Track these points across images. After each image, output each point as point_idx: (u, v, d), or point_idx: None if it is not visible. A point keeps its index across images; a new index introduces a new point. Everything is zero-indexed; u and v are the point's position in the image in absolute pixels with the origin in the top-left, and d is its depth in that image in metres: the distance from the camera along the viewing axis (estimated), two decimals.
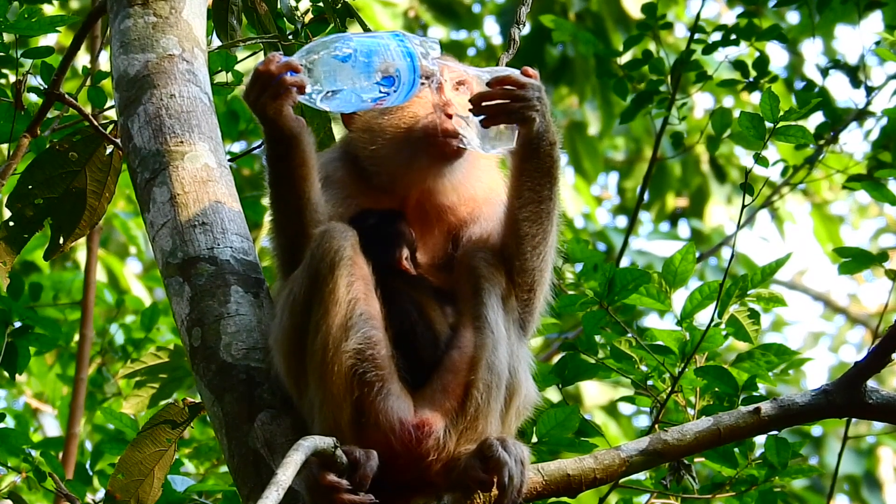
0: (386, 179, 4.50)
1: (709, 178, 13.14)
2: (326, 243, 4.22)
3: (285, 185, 4.34)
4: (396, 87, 4.28)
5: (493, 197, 4.53)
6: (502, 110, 4.25)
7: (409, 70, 4.27)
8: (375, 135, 4.47)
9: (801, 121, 5.22)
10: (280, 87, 4.22)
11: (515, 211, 4.36)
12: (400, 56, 4.26)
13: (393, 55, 4.26)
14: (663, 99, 7.33)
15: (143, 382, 6.11)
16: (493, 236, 4.43)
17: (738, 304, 5.34)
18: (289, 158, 4.30)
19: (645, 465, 4.35)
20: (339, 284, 4.19)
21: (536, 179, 4.34)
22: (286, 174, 4.32)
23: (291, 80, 4.22)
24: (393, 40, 4.28)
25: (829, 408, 4.33)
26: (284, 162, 4.31)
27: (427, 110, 4.44)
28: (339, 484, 4.06)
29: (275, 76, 4.22)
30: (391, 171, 4.48)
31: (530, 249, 4.35)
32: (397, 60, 4.26)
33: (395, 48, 4.26)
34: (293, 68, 4.22)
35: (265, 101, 4.25)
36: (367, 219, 4.43)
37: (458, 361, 4.24)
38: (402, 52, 4.27)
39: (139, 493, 4.96)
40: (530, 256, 4.36)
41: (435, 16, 12.84)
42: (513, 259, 4.35)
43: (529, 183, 4.34)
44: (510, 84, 4.26)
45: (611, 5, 12.11)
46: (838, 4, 7.68)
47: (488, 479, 4.13)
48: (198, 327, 4.48)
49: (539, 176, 4.34)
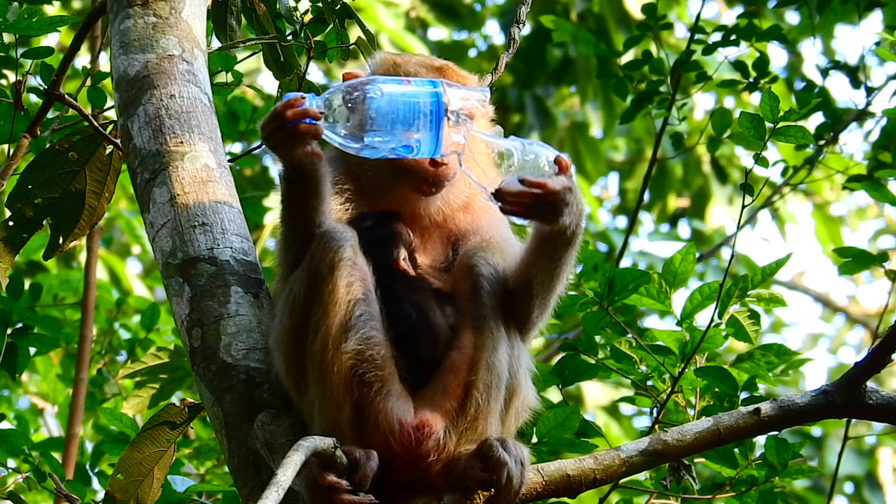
0: (378, 189, 4.50)
1: (710, 178, 13.14)
2: (326, 244, 4.22)
3: (296, 208, 4.32)
4: (419, 148, 4.26)
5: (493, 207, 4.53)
6: (528, 211, 4.21)
7: (431, 127, 4.24)
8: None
9: (801, 121, 5.22)
10: (293, 133, 4.19)
11: (530, 271, 4.32)
12: (426, 112, 4.24)
13: (421, 111, 4.23)
14: (663, 99, 7.33)
15: (144, 383, 6.11)
16: (494, 241, 4.42)
17: (738, 305, 5.34)
18: (300, 188, 4.28)
19: (645, 465, 4.34)
20: (339, 285, 4.19)
21: (555, 251, 4.30)
22: (298, 200, 4.31)
23: (306, 127, 4.18)
24: (426, 93, 4.24)
25: (829, 408, 4.33)
26: (296, 190, 4.29)
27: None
28: (339, 484, 4.06)
29: (289, 121, 4.19)
30: (379, 183, 4.49)
31: (540, 298, 4.34)
32: (422, 121, 4.24)
33: (425, 103, 4.23)
34: (311, 116, 4.18)
35: (276, 142, 4.23)
36: (365, 220, 4.43)
37: (458, 362, 4.24)
38: (430, 107, 4.23)
39: (139, 494, 4.96)
40: (539, 302, 4.34)
41: (437, 16, 12.85)
42: (520, 303, 4.34)
43: (547, 254, 4.31)
44: (540, 188, 4.19)
45: (612, 6, 12.11)
46: (838, 4, 7.68)
47: (488, 478, 4.14)
48: (198, 328, 4.48)
49: (558, 248, 4.30)
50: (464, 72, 4.62)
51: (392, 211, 4.49)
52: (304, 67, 5.32)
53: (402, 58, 4.62)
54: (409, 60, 4.61)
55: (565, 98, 13.33)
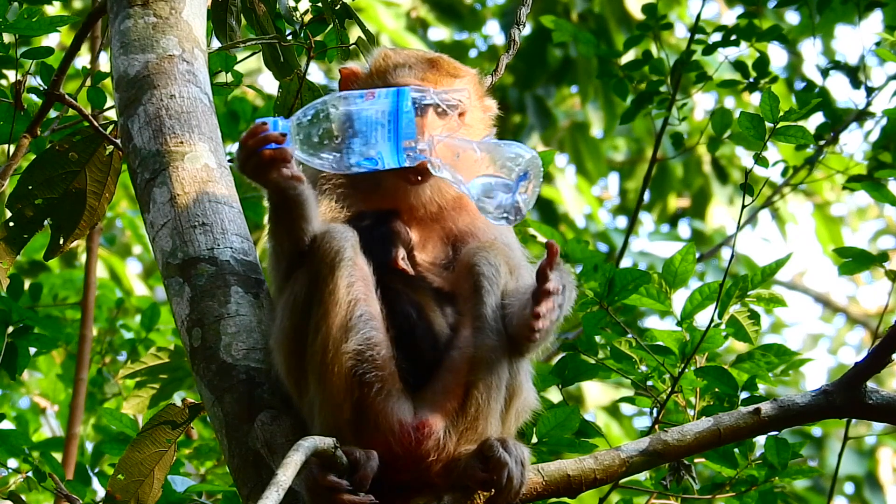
0: (370, 184, 4.50)
1: (710, 178, 13.15)
2: (327, 244, 4.22)
3: (282, 228, 4.32)
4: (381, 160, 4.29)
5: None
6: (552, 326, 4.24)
7: (389, 138, 4.27)
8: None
9: (802, 121, 5.22)
10: (261, 161, 4.22)
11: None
12: (384, 123, 4.26)
13: (378, 122, 4.26)
14: (664, 99, 7.33)
15: (144, 383, 6.11)
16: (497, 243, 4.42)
17: (738, 305, 5.34)
18: (284, 211, 4.29)
19: (645, 465, 4.34)
20: (340, 285, 4.19)
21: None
22: (283, 222, 4.31)
23: (270, 153, 4.20)
24: (384, 103, 4.27)
25: (829, 408, 4.32)
26: (280, 213, 4.30)
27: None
28: (339, 484, 4.06)
29: (254, 150, 4.22)
30: (370, 178, 4.49)
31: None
32: (379, 132, 4.27)
33: (382, 113, 4.26)
34: (273, 140, 4.20)
35: (249, 171, 4.26)
36: (363, 219, 4.43)
37: (459, 361, 4.23)
38: (387, 116, 4.26)
39: (139, 494, 4.96)
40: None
41: (437, 16, 12.85)
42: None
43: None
44: (552, 293, 4.18)
45: (613, 6, 12.11)
46: (838, 4, 7.68)
47: (489, 479, 4.14)
48: (198, 328, 4.48)
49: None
50: (458, 64, 4.61)
51: (390, 210, 4.49)
52: (304, 67, 5.32)
53: (394, 51, 4.63)
54: (401, 53, 4.62)
55: (566, 98, 13.34)
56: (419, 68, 4.53)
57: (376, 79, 4.56)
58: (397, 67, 4.54)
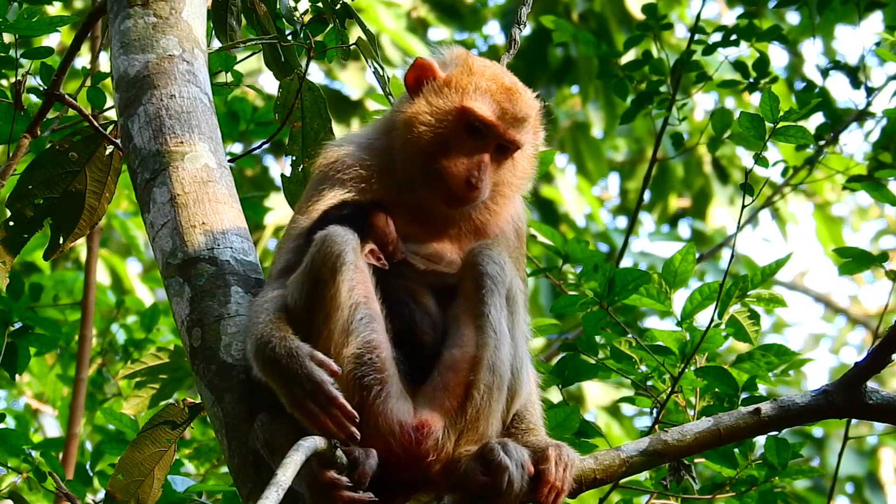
0: (407, 185, 4.50)
1: (711, 178, 13.15)
2: (327, 248, 4.20)
3: None
4: None
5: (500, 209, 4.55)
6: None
7: None
8: (413, 137, 4.48)
9: (802, 121, 5.21)
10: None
11: None
12: None
13: None
14: (664, 99, 7.32)
15: (144, 383, 6.11)
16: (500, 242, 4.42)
17: (738, 305, 5.34)
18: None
19: (645, 465, 4.34)
20: (342, 289, 4.17)
21: None
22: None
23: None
24: None
25: (829, 408, 4.32)
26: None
27: (468, 163, 4.44)
28: (339, 480, 4.06)
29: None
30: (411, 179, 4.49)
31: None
32: None
33: None
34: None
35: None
36: (343, 209, 4.41)
37: (460, 360, 4.22)
38: None
39: (139, 494, 4.96)
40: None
41: (438, 16, 12.85)
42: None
43: None
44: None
45: (613, 6, 12.12)
46: (838, 5, 7.68)
47: (489, 482, 4.13)
48: (198, 328, 4.48)
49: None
50: (530, 97, 4.56)
51: (375, 202, 4.47)
52: (304, 67, 5.32)
53: (479, 67, 4.57)
54: (484, 73, 4.55)
55: (566, 98, 13.34)
56: (497, 99, 4.49)
57: (452, 91, 4.52)
58: (477, 91, 4.52)
